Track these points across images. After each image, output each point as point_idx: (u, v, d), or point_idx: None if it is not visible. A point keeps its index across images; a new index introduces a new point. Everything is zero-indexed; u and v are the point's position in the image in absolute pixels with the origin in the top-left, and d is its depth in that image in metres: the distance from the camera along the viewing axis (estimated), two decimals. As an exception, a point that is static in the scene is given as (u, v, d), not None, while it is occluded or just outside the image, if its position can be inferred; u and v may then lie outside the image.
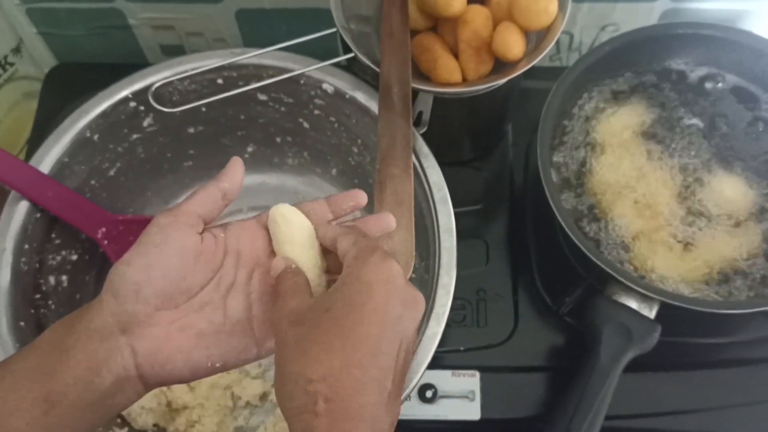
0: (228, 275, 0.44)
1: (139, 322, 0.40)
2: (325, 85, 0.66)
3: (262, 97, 0.69)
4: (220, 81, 0.67)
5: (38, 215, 0.61)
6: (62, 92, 0.81)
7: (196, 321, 0.42)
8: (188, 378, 0.42)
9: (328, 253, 0.45)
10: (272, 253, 0.45)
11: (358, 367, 0.36)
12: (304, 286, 0.42)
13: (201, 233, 0.43)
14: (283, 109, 0.70)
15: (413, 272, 0.51)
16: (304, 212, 0.45)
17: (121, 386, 0.40)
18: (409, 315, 0.39)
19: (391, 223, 0.47)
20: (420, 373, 0.54)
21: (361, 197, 0.47)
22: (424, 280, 0.60)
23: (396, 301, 0.38)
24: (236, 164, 0.46)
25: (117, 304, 0.40)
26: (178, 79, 0.64)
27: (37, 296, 0.61)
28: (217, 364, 0.42)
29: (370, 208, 0.71)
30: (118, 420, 0.61)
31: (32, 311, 0.60)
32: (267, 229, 0.45)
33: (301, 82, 0.66)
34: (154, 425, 0.62)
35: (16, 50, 0.82)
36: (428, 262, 0.60)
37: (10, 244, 0.59)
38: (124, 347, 0.40)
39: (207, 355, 0.42)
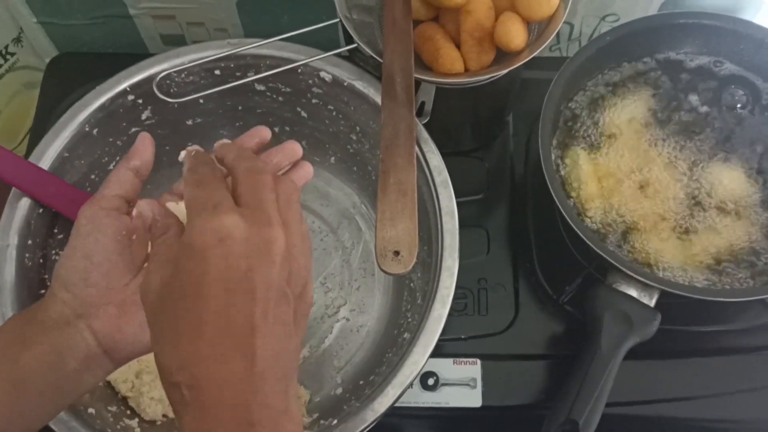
0: None
1: (93, 304, 0.42)
2: (323, 74, 0.66)
3: (260, 87, 0.69)
4: (217, 72, 0.67)
5: (40, 210, 0.61)
6: (63, 82, 0.80)
7: None
8: None
9: None
10: None
11: (209, 344, 0.34)
12: (169, 260, 0.38)
13: (129, 213, 0.45)
14: (280, 98, 0.70)
15: (416, 256, 0.52)
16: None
17: (87, 365, 0.42)
18: (261, 264, 0.36)
19: (296, 150, 0.48)
20: (426, 356, 0.55)
21: (265, 132, 0.49)
22: (427, 263, 0.60)
23: (236, 259, 0.35)
24: (144, 140, 0.47)
25: (68, 293, 0.42)
26: (175, 71, 0.64)
27: (42, 291, 0.61)
28: None
29: (372, 195, 0.71)
30: (128, 411, 0.62)
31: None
32: None
33: (299, 71, 0.66)
34: (164, 416, 0.62)
35: (17, 40, 0.81)
36: (431, 246, 0.60)
37: (13, 239, 0.58)
38: (84, 330, 0.42)
39: None
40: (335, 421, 0.55)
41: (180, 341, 0.35)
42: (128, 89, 0.65)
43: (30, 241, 0.60)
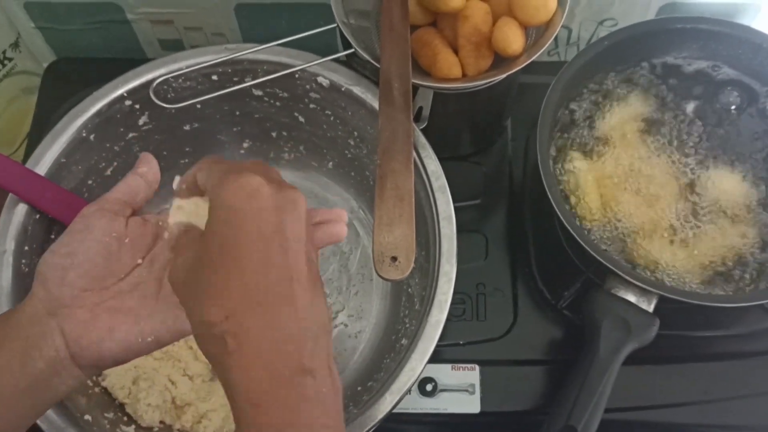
0: (162, 256, 0.45)
1: (65, 305, 0.42)
2: (320, 79, 0.66)
3: (257, 92, 0.69)
4: (215, 77, 0.66)
5: (37, 216, 0.60)
6: (61, 87, 0.80)
7: (127, 300, 0.43)
8: (122, 357, 0.43)
9: None
10: None
11: (254, 292, 0.36)
12: (197, 240, 0.40)
13: (128, 218, 0.45)
14: (278, 103, 0.70)
15: (413, 262, 0.52)
16: None
17: (55, 370, 0.41)
18: (290, 218, 0.38)
19: (343, 216, 0.48)
20: (424, 362, 0.55)
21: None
22: (425, 269, 0.60)
23: (268, 213, 0.38)
24: (146, 156, 0.49)
25: (44, 290, 0.42)
26: (173, 76, 0.64)
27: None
28: (149, 339, 0.42)
29: (370, 200, 0.71)
30: (125, 418, 0.61)
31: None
32: None
33: (297, 76, 0.66)
34: (161, 422, 0.62)
35: (15, 45, 0.81)
36: (428, 252, 0.60)
37: (10, 245, 0.58)
38: (54, 329, 0.41)
39: (137, 331, 0.42)
40: (333, 428, 0.55)
41: (224, 293, 0.36)
42: (125, 94, 0.64)
43: (26, 247, 0.59)
